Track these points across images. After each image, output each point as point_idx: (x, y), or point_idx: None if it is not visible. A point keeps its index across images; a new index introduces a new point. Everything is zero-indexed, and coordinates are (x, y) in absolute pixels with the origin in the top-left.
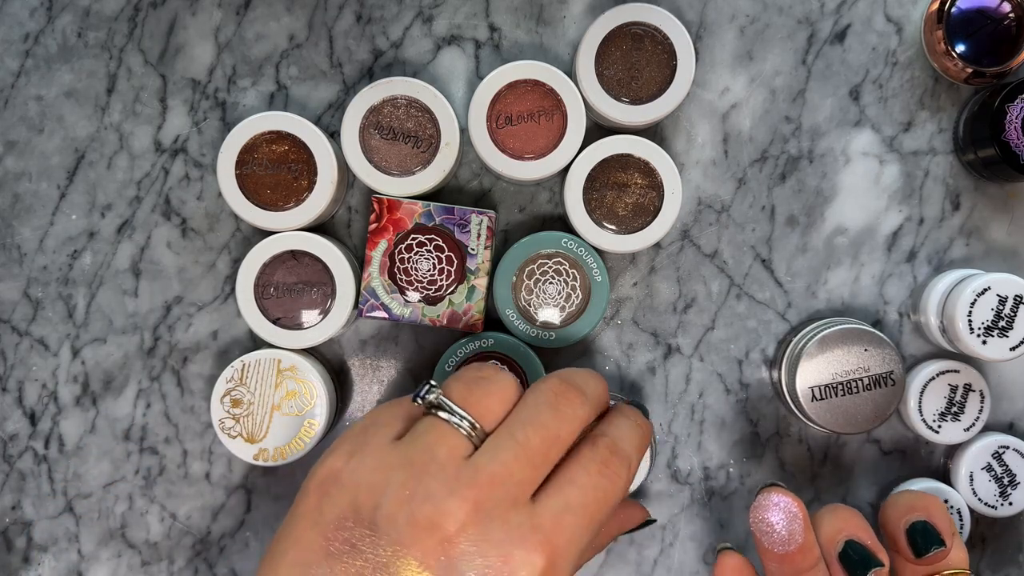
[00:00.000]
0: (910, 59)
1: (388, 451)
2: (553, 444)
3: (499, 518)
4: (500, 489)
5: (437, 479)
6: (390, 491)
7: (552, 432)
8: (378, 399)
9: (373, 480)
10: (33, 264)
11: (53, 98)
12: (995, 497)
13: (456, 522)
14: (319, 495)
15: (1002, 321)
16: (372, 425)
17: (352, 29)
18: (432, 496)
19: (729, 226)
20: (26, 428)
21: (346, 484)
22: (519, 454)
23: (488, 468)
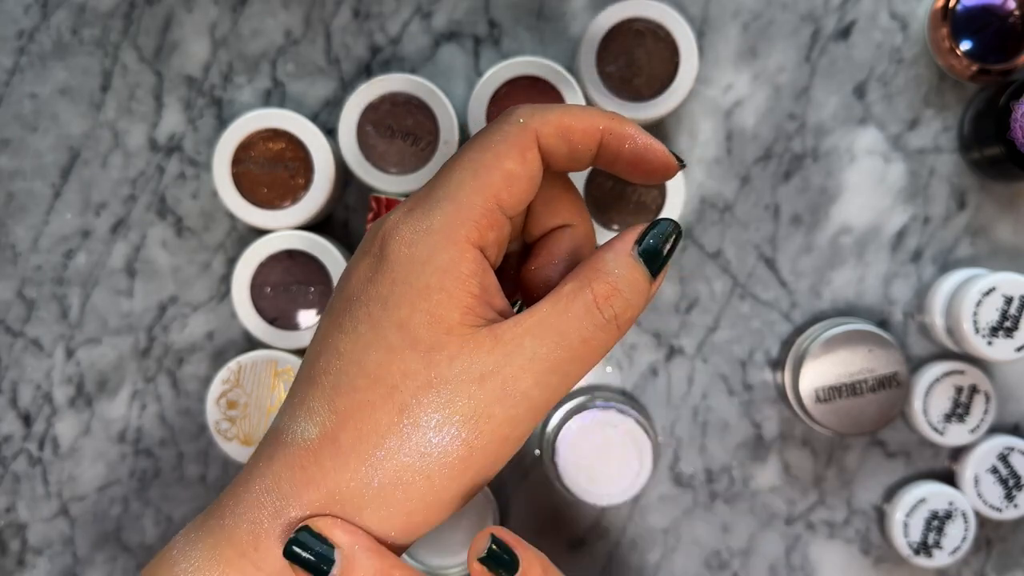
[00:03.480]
0: (915, 56)
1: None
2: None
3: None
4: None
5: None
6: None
7: None
8: None
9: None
10: (27, 264)
11: (47, 96)
12: (1001, 499)
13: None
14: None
15: (1008, 321)
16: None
17: (349, 25)
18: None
19: (732, 225)
20: (20, 430)
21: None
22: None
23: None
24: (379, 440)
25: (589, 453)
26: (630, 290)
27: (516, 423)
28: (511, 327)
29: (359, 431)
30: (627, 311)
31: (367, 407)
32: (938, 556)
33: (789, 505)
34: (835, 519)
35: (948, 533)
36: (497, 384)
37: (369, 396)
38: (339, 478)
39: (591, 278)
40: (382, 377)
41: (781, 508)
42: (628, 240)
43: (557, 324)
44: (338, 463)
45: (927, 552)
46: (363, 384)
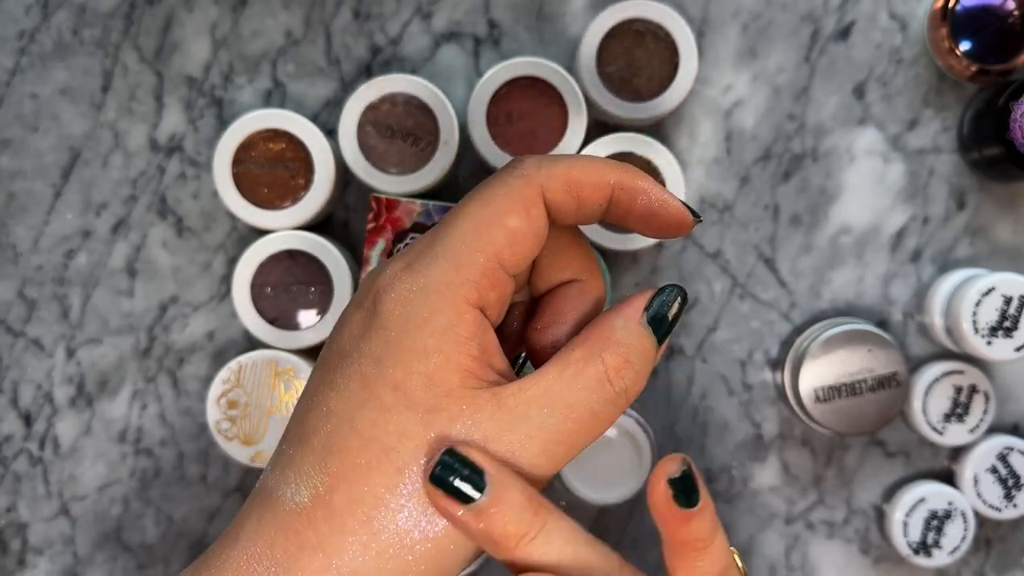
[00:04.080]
0: (915, 56)
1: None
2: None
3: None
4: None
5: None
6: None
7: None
8: None
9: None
10: (28, 264)
11: (48, 96)
12: (1000, 499)
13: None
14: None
15: (1007, 321)
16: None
17: (350, 26)
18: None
19: (732, 225)
20: (21, 430)
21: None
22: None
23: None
24: (376, 502)
25: (589, 453)
26: (640, 361)
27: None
28: (515, 393)
29: (353, 493)
30: (636, 384)
31: (362, 469)
32: (937, 556)
33: (789, 505)
34: (835, 519)
35: (947, 533)
36: (502, 449)
37: (363, 457)
38: (335, 542)
39: (601, 347)
40: (377, 437)
41: (781, 508)
42: (637, 307)
43: (566, 395)
44: (333, 527)
45: (926, 552)
46: (356, 444)
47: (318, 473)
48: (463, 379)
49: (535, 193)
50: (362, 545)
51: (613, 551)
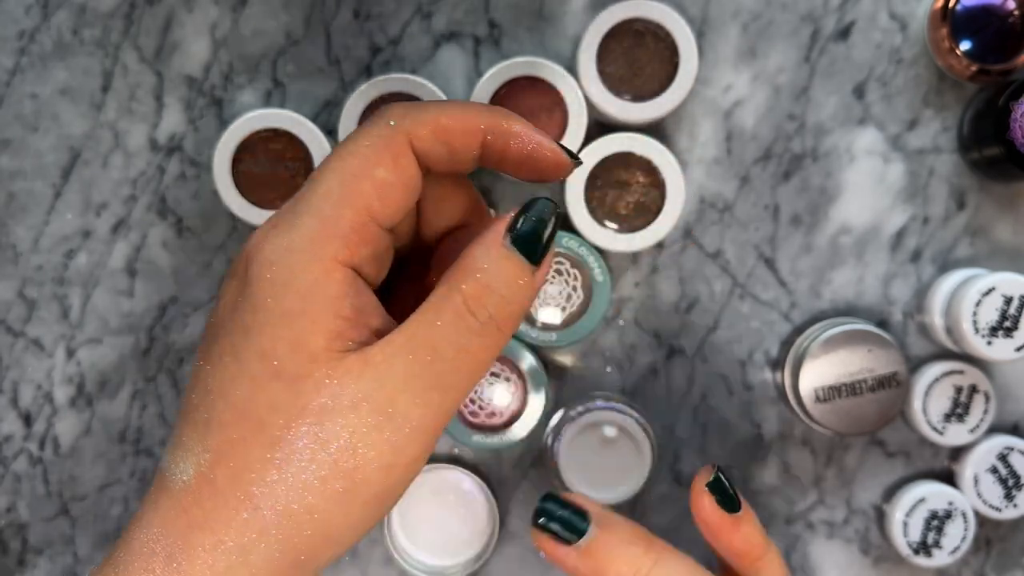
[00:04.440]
0: (915, 56)
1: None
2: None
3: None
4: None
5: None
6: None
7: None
8: None
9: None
10: (28, 264)
11: (48, 96)
12: (1000, 499)
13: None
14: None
15: (1007, 321)
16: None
17: (350, 26)
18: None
19: (732, 225)
20: (21, 430)
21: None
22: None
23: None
24: (254, 478)
25: (589, 453)
26: (505, 286)
27: (399, 449)
28: (381, 348)
29: (232, 469)
30: (504, 308)
31: (239, 444)
32: (938, 556)
33: (789, 505)
34: (835, 519)
35: (948, 533)
36: (372, 410)
37: (238, 432)
38: (221, 519)
39: (459, 279)
40: (249, 411)
41: (781, 508)
42: (498, 229)
43: (428, 337)
44: (217, 503)
45: (927, 552)
46: (230, 419)
47: (201, 451)
48: (329, 342)
49: (403, 142)
50: (244, 522)
51: None
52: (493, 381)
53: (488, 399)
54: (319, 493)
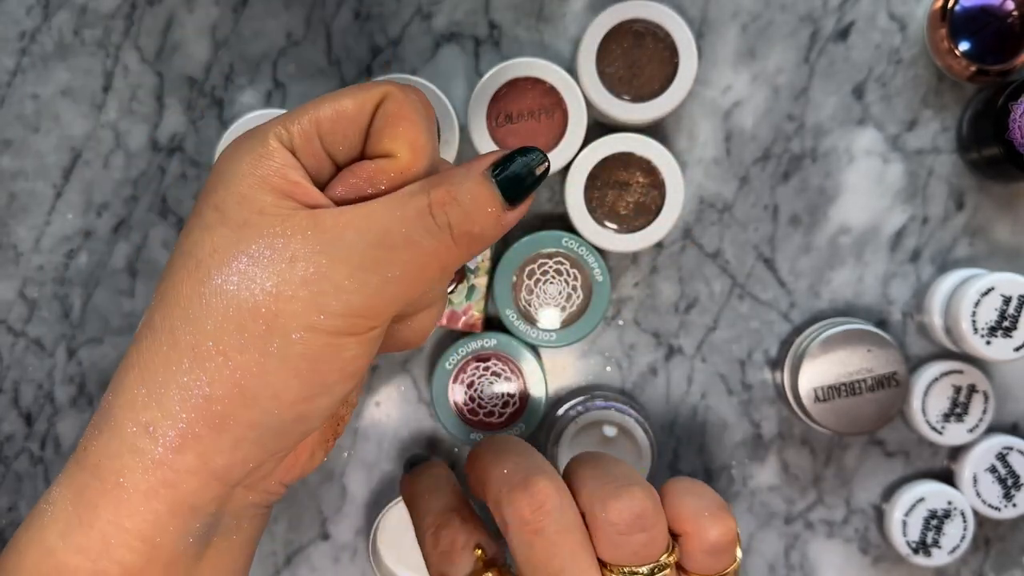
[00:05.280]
0: (914, 57)
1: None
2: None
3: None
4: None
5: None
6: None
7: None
8: (376, 400)
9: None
10: (29, 264)
11: (49, 96)
12: (999, 499)
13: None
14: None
15: (1006, 321)
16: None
17: (350, 26)
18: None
19: (731, 225)
20: (22, 429)
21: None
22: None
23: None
24: (180, 312)
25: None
26: (472, 204)
27: (324, 310)
28: (334, 215)
29: (166, 305)
30: (464, 223)
31: (176, 283)
32: (937, 555)
33: (788, 504)
34: (834, 518)
35: (947, 532)
36: (308, 268)
37: (180, 273)
38: (147, 354)
39: (432, 184)
40: (192, 252)
41: (780, 507)
42: (485, 160)
43: (384, 220)
44: (148, 341)
45: (926, 551)
46: (179, 262)
47: (153, 301)
48: (277, 199)
49: (379, 92)
50: (165, 355)
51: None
52: (493, 380)
53: (488, 398)
54: (232, 334)
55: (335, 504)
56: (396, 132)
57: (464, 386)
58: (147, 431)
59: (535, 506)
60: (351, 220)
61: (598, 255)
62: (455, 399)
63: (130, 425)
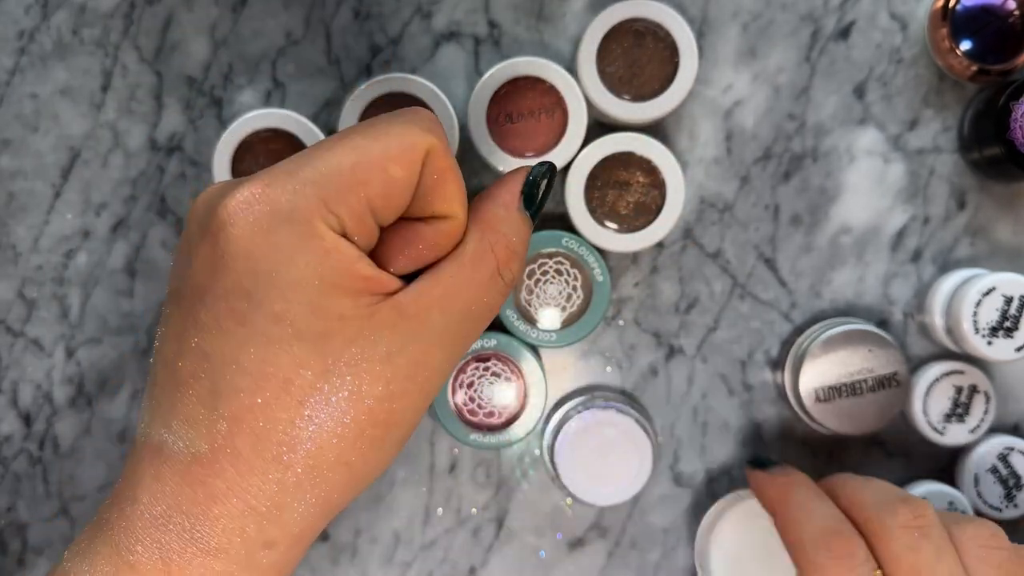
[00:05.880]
0: (915, 56)
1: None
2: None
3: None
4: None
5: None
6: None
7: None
8: None
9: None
10: (28, 264)
11: (48, 96)
12: (1000, 499)
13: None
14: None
15: (1008, 321)
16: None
17: (350, 25)
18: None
19: (732, 225)
20: (20, 430)
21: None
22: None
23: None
24: (282, 439)
25: (589, 453)
26: (523, 248)
27: (429, 395)
28: (415, 300)
29: (257, 434)
30: (521, 271)
31: (260, 408)
32: None
33: None
34: None
35: None
36: (407, 362)
37: (259, 396)
38: (249, 485)
39: (492, 241)
40: (270, 373)
41: None
42: (514, 191)
43: (463, 294)
44: (242, 470)
45: None
46: (247, 384)
47: (212, 419)
48: (355, 299)
49: (422, 150)
50: (277, 481)
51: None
52: (493, 381)
53: (488, 398)
54: (353, 443)
55: None
56: (448, 192)
57: (464, 386)
58: (267, 547)
59: (918, 513)
60: (434, 301)
61: (598, 255)
62: (455, 399)
63: (253, 543)
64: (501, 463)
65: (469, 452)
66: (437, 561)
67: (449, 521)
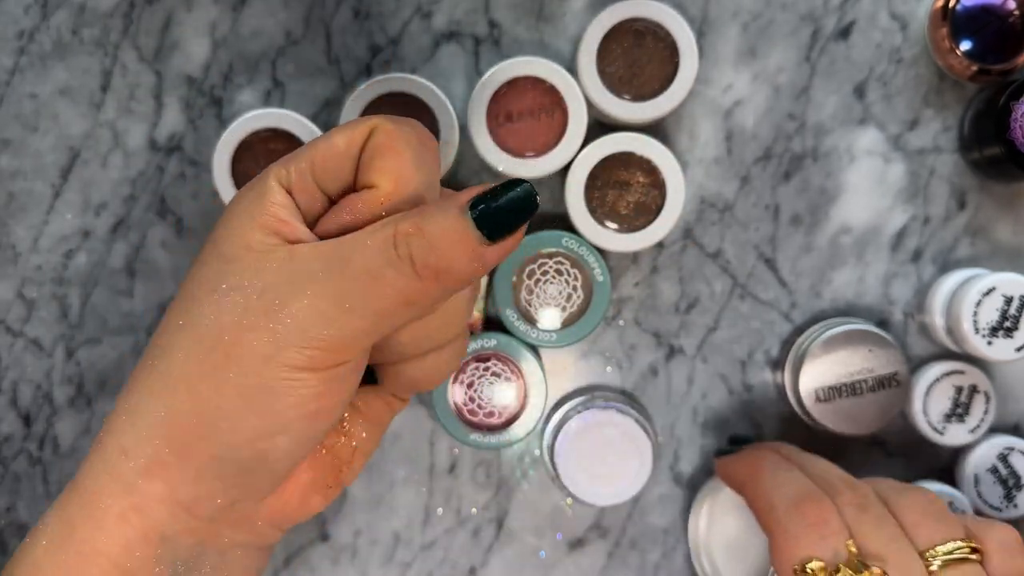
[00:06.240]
0: (915, 56)
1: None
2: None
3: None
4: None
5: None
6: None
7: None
8: None
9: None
10: (27, 264)
11: (47, 96)
12: (1000, 499)
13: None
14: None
15: (1008, 321)
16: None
17: (350, 25)
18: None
19: (732, 225)
20: (20, 430)
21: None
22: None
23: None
24: (165, 341)
25: (589, 453)
26: (441, 238)
27: (279, 343)
28: (310, 248)
29: (156, 336)
30: (429, 256)
31: (168, 314)
32: None
33: None
34: None
35: None
36: (273, 299)
37: (173, 304)
38: (139, 387)
39: (405, 216)
40: (185, 285)
41: None
42: (466, 194)
43: (348, 251)
44: (140, 371)
45: None
46: (178, 294)
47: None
48: (265, 235)
49: (370, 126)
50: (151, 386)
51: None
52: (493, 381)
53: (488, 398)
54: (199, 364)
55: (334, 505)
56: (381, 164)
57: (464, 386)
58: (123, 454)
59: (859, 493)
60: (319, 252)
61: (598, 255)
62: (455, 399)
63: (111, 448)
64: (501, 463)
65: (469, 452)
66: (437, 561)
67: (449, 521)
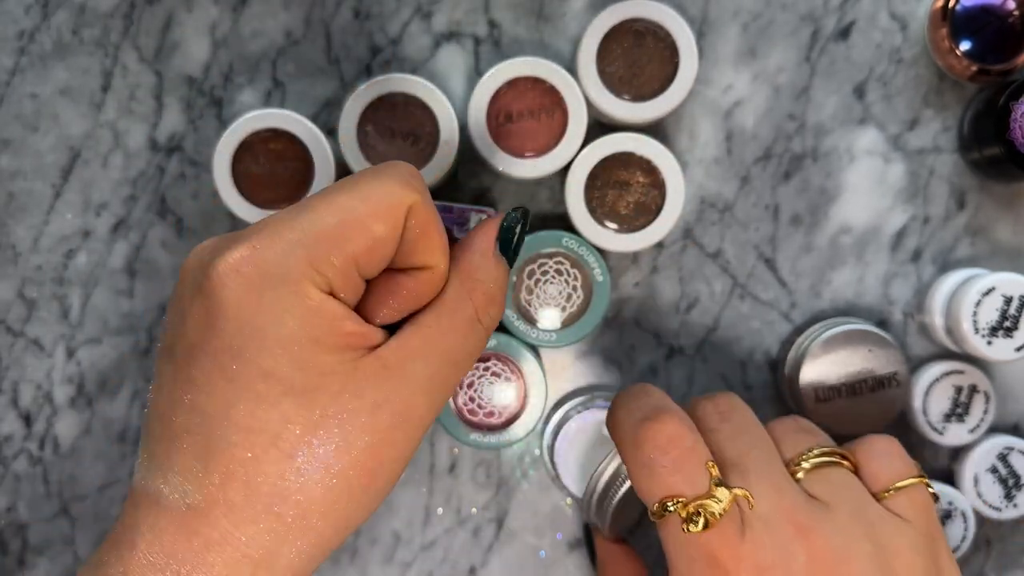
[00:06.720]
0: (915, 56)
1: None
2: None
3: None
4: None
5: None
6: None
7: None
8: None
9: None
10: (28, 264)
11: (48, 96)
12: (1000, 499)
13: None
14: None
15: (1007, 321)
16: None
17: (350, 25)
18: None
19: (732, 225)
20: (21, 430)
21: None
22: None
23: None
24: (272, 490)
25: (589, 453)
26: (500, 293)
27: (414, 444)
28: (395, 351)
29: (249, 485)
30: (499, 316)
31: (251, 462)
32: None
33: None
34: None
35: (947, 533)
36: (392, 411)
37: (250, 450)
38: (242, 534)
39: (469, 288)
40: (260, 428)
41: None
42: (490, 236)
43: (443, 343)
44: (235, 520)
45: None
46: (238, 439)
47: (206, 472)
48: (339, 355)
49: (405, 205)
50: (269, 530)
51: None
52: (493, 381)
53: (488, 398)
54: (340, 492)
55: None
56: (429, 244)
57: (464, 386)
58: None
59: (719, 402)
60: (414, 352)
61: (598, 255)
62: (454, 399)
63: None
64: (501, 463)
65: (469, 452)
66: (437, 561)
67: (449, 521)
